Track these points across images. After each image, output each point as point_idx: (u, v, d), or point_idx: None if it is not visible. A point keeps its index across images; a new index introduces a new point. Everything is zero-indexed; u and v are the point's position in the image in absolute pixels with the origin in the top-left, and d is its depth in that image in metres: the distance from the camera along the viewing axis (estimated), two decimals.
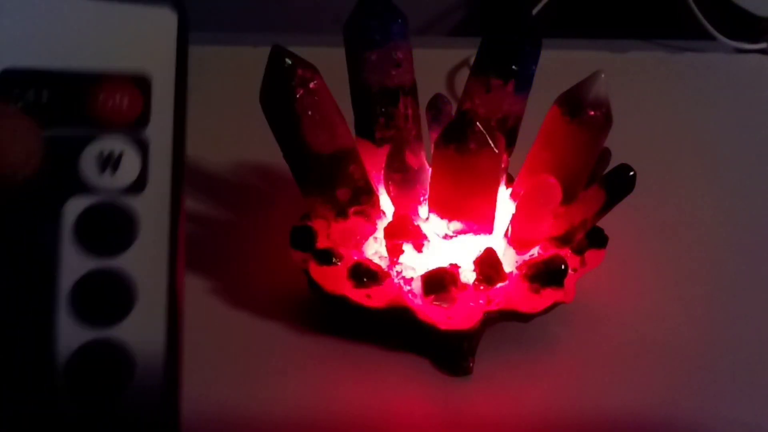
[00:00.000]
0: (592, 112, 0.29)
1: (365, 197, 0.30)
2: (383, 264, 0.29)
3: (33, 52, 0.16)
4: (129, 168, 0.16)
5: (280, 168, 0.30)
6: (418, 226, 0.28)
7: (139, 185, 0.16)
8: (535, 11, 0.57)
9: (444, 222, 0.29)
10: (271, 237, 0.36)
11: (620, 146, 0.32)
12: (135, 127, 0.16)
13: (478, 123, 0.26)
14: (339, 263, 0.29)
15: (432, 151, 0.28)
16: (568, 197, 0.29)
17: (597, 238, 0.30)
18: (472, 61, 0.33)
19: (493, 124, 0.31)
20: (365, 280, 0.28)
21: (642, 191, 0.29)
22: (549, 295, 0.28)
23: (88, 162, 0.16)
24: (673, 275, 0.36)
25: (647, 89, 0.53)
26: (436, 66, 0.54)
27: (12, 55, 0.16)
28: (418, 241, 0.28)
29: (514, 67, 0.31)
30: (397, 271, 0.29)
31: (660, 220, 0.39)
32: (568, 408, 0.29)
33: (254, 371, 0.30)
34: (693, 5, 0.56)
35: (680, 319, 0.33)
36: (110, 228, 0.16)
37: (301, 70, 0.27)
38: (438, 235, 0.29)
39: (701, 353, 0.32)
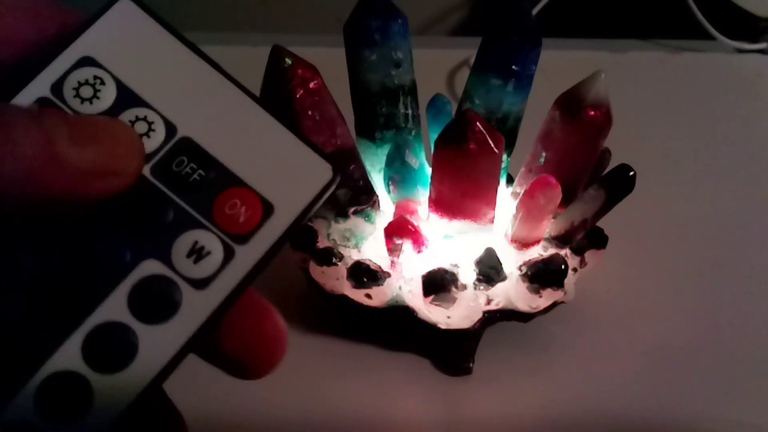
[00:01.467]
0: (592, 112, 0.29)
1: (365, 197, 0.30)
2: (383, 264, 0.29)
3: (210, 137, 0.18)
4: (206, 267, 0.17)
5: None
6: (418, 226, 0.28)
7: (203, 283, 0.17)
8: (535, 11, 0.57)
9: (444, 222, 0.29)
10: None
11: (620, 146, 0.32)
12: (235, 238, 0.17)
13: (478, 123, 0.26)
14: (339, 263, 0.29)
15: (432, 151, 0.28)
16: (568, 197, 0.29)
17: (597, 238, 0.30)
18: (472, 61, 0.33)
19: (493, 124, 0.31)
20: (365, 280, 0.28)
21: (642, 191, 0.29)
22: (549, 295, 0.28)
23: (183, 241, 0.17)
24: (673, 275, 0.36)
25: (647, 89, 0.53)
26: (436, 66, 0.54)
27: (195, 129, 0.18)
28: (418, 241, 0.28)
29: (514, 67, 0.31)
30: (397, 271, 0.29)
31: (660, 220, 0.39)
32: (568, 408, 0.29)
33: None
34: (693, 5, 0.56)
35: (680, 319, 0.33)
36: (157, 299, 0.17)
37: (301, 70, 0.27)
38: (438, 235, 0.29)
39: (701, 353, 0.32)
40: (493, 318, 0.29)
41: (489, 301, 0.29)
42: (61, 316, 0.16)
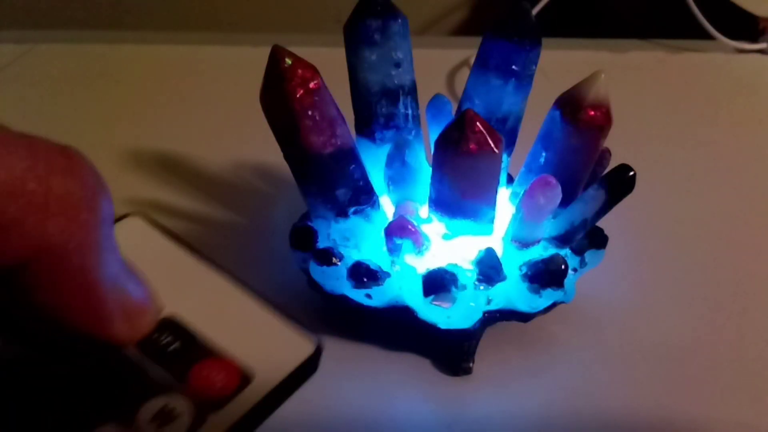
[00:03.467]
0: (592, 113, 0.29)
1: (365, 197, 0.30)
2: (383, 264, 0.29)
3: (193, 316, 0.19)
4: (172, 430, 0.17)
5: (280, 168, 0.30)
6: (418, 226, 0.28)
7: None
8: (535, 11, 0.57)
9: (444, 222, 0.29)
10: (271, 237, 0.36)
11: (620, 146, 0.32)
12: (208, 404, 0.17)
13: (478, 123, 0.26)
14: (339, 263, 0.29)
15: (432, 151, 0.28)
16: (568, 197, 0.29)
17: (597, 238, 0.30)
18: (472, 61, 0.33)
19: (493, 124, 0.31)
20: (365, 280, 0.28)
21: (642, 191, 0.29)
22: (549, 295, 0.28)
23: (151, 405, 0.17)
24: (673, 275, 0.36)
25: (647, 89, 0.53)
26: (436, 66, 0.54)
27: (179, 309, 0.19)
28: (418, 241, 0.28)
29: (514, 67, 0.31)
30: (397, 271, 0.29)
31: (660, 220, 0.39)
32: (568, 408, 0.29)
33: None
34: (693, 5, 0.56)
35: (680, 319, 0.33)
36: None
37: (301, 70, 0.27)
38: (438, 235, 0.29)
39: (701, 353, 0.32)
40: (493, 318, 0.29)
41: (489, 301, 0.29)
42: None
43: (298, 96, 0.27)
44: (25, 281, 0.16)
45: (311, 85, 0.27)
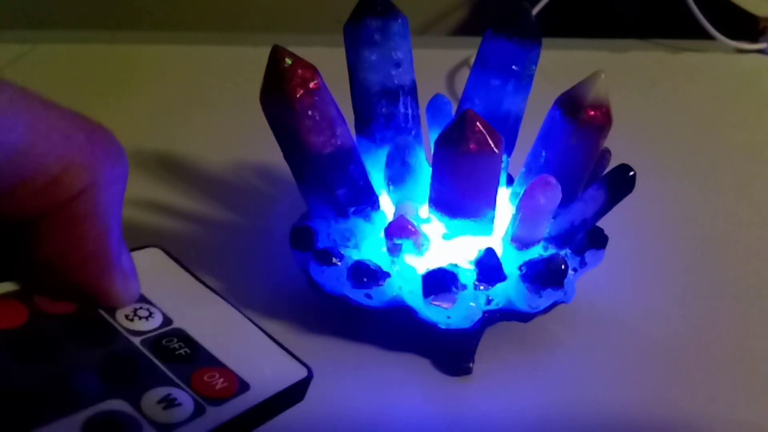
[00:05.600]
0: (592, 112, 0.29)
1: (365, 197, 0.30)
2: (383, 264, 0.29)
3: (200, 332, 0.21)
4: (174, 415, 0.18)
5: (280, 168, 0.30)
6: (418, 226, 0.28)
7: (167, 428, 0.17)
8: (535, 11, 0.57)
9: (444, 222, 0.29)
10: (271, 237, 0.36)
11: (620, 146, 0.32)
12: (208, 401, 0.18)
13: (478, 123, 0.26)
14: (339, 263, 0.29)
15: (432, 151, 0.28)
16: (568, 197, 0.29)
17: (597, 238, 0.30)
18: (472, 61, 0.33)
19: (493, 124, 0.31)
20: (365, 280, 0.28)
21: (642, 191, 0.29)
22: (549, 295, 0.28)
23: (157, 392, 0.18)
24: (673, 275, 0.36)
25: (647, 89, 0.53)
26: (436, 66, 0.54)
27: (188, 325, 0.21)
28: (418, 241, 0.28)
29: (514, 67, 0.31)
30: (397, 271, 0.29)
31: (660, 220, 0.39)
32: (568, 408, 0.29)
33: None
34: (693, 5, 0.56)
35: (680, 319, 0.33)
36: (113, 429, 0.17)
37: (301, 70, 0.27)
38: (438, 235, 0.29)
39: (701, 353, 0.32)
40: (493, 318, 0.29)
41: (489, 301, 0.29)
42: (3, 420, 0.16)
43: (298, 96, 0.27)
44: (41, 232, 0.17)
45: (311, 85, 0.27)
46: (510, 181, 0.33)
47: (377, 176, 0.31)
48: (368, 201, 0.30)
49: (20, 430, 0.16)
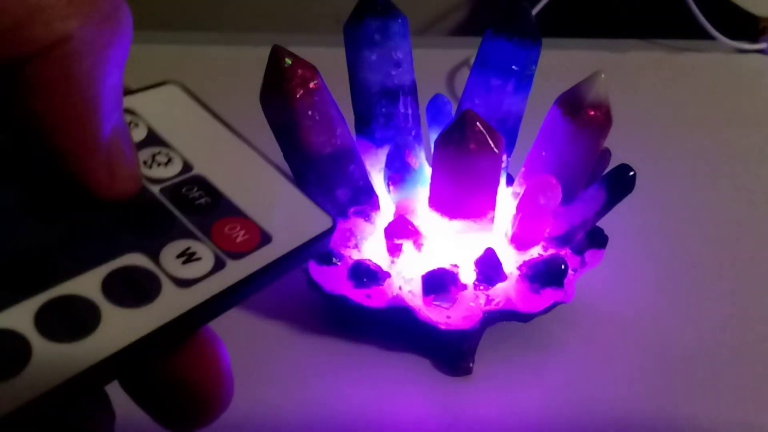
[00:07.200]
0: (592, 112, 0.29)
1: (365, 197, 0.30)
2: (383, 264, 0.29)
3: (222, 180, 0.20)
4: (193, 270, 0.17)
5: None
6: (418, 226, 0.28)
7: (187, 283, 0.17)
8: (535, 11, 0.57)
9: (444, 222, 0.29)
10: None
11: (620, 146, 0.32)
12: (228, 254, 0.18)
13: (478, 123, 0.26)
14: (339, 263, 0.29)
15: (432, 151, 0.28)
16: (568, 197, 0.29)
17: (597, 238, 0.30)
18: (472, 61, 0.33)
19: (493, 124, 0.31)
20: (365, 280, 0.28)
21: (642, 191, 0.29)
22: (549, 295, 0.28)
23: (176, 245, 0.18)
24: (673, 275, 0.36)
25: (647, 89, 0.53)
26: (436, 66, 0.54)
27: (210, 171, 0.20)
28: (418, 241, 0.28)
29: (514, 67, 0.31)
30: (397, 271, 0.29)
31: (660, 220, 0.39)
32: (568, 408, 0.29)
33: (254, 371, 0.30)
34: (693, 5, 0.56)
35: (680, 318, 0.33)
36: (134, 286, 0.16)
37: (301, 70, 0.27)
38: (438, 235, 0.29)
39: (701, 353, 0.32)
40: (493, 318, 0.29)
41: (489, 301, 0.29)
42: (23, 277, 0.16)
43: (298, 96, 0.27)
44: (25, 80, 0.15)
45: (311, 85, 0.27)
46: (510, 181, 0.33)
47: (377, 176, 0.31)
48: (368, 201, 0.30)
49: (37, 288, 0.15)
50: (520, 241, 0.29)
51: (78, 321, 0.15)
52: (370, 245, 0.30)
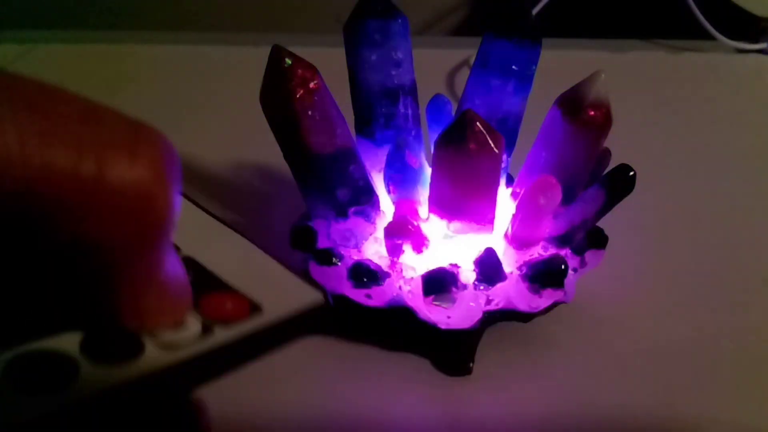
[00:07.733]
0: (592, 112, 0.29)
1: (365, 197, 0.30)
2: (383, 264, 0.29)
3: (209, 260, 0.20)
4: (179, 336, 0.17)
5: (280, 168, 0.30)
6: (418, 226, 0.28)
7: (170, 347, 0.17)
8: (535, 11, 0.57)
9: (444, 222, 0.29)
10: (271, 237, 0.36)
11: (620, 146, 0.32)
12: (217, 323, 0.18)
13: (478, 123, 0.26)
14: (339, 263, 0.29)
15: (432, 151, 0.28)
16: (568, 197, 0.29)
17: (597, 238, 0.30)
18: (472, 61, 0.33)
19: (493, 124, 0.31)
20: (365, 280, 0.28)
21: (642, 191, 0.29)
22: (549, 295, 0.28)
23: None
24: (673, 275, 0.36)
25: (647, 89, 0.53)
26: (436, 66, 0.54)
27: (197, 253, 0.20)
28: (418, 241, 0.28)
29: (514, 67, 0.31)
30: (397, 271, 0.29)
31: (660, 220, 0.39)
32: (568, 408, 0.29)
33: (253, 371, 0.30)
34: (693, 5, 0.56)
35: (680, 319, 0.33)
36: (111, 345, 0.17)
37: (301, 70, 0.27)
38: (438, 235, 0.29)
39: (701, 353, 0.32)
40: (493, 318, 0.29)
41: (489, 301, 0.29)
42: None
43: (298, 96, 0.27)
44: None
45: (311, 85, 0.27)
46: (510, 181, 0.33)
47: (377, 176, 0.31)
48: (368, 201, 0.30)
49: (11, 341, 0.15)
50: (520, 241, 0.29)
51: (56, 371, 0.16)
52: (370, 245, 0.30)
